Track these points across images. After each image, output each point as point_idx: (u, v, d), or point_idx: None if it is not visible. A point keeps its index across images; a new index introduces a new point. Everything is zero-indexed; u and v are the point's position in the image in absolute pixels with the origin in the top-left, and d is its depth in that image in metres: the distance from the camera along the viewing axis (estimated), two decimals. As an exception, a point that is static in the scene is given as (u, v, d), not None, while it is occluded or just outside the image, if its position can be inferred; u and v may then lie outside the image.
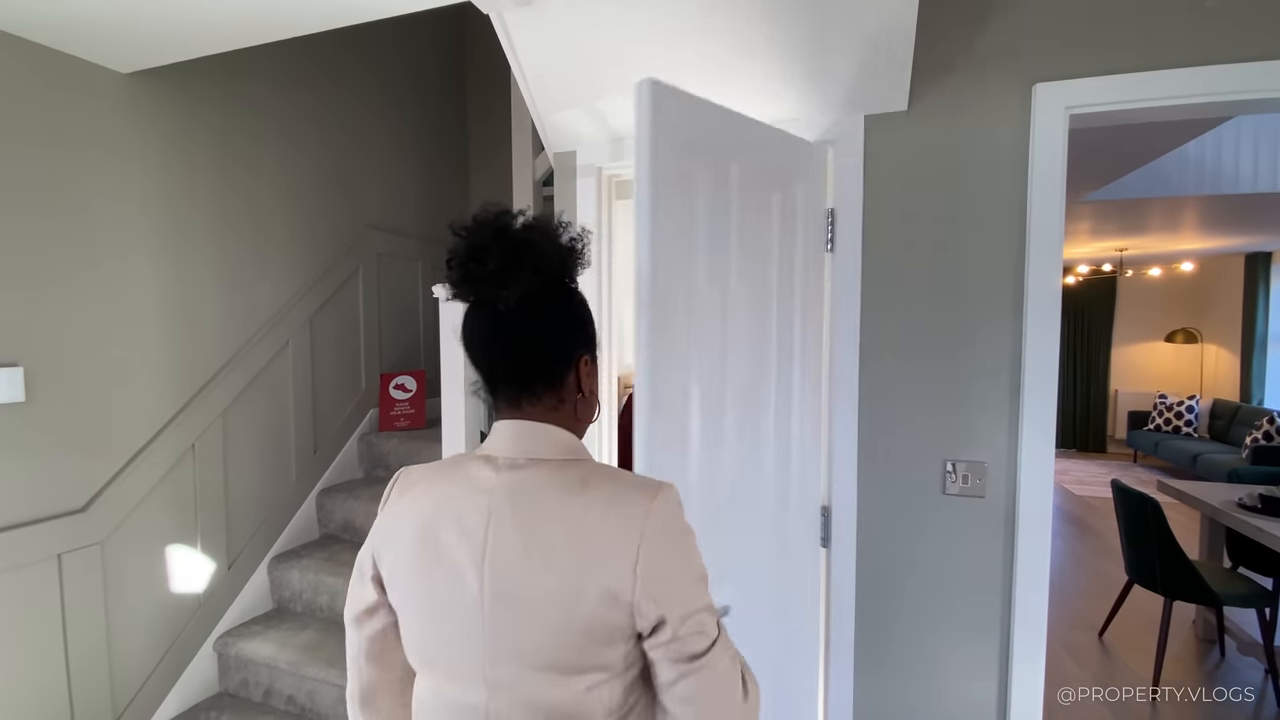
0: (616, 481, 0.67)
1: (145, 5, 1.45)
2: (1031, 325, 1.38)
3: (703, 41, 1.38)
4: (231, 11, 1.49)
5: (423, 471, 0.74)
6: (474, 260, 0.67)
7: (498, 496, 0.66)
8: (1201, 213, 4.55)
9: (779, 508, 1.57)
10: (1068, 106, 1.34)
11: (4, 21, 1.54)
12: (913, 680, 1.52)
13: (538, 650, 0.63)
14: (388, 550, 0.71)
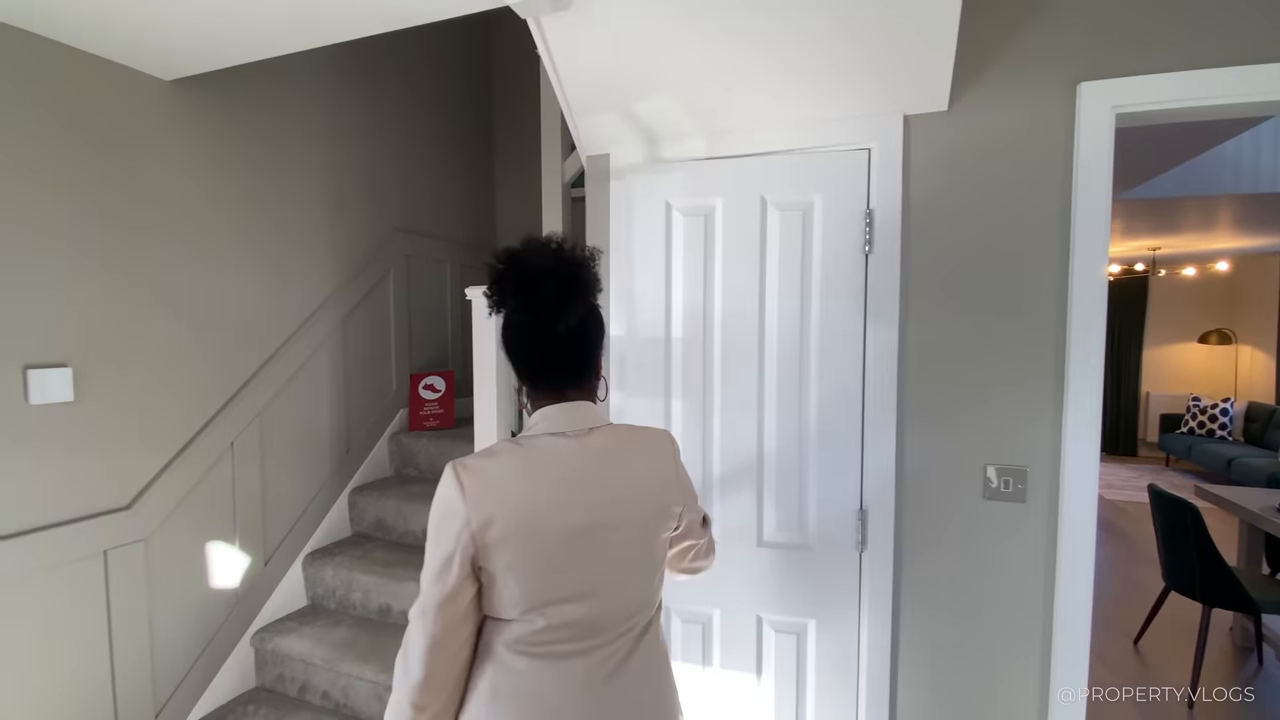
0: (646, 431, 0.96)
1: (191, 14, 1.48)
2: (1076, 327, 1.36)
3: (743, 46, 1.37)
4: (271, 21, 1.52)
5: (489, 457, 0.85)
6: (530, 291, 0.85)
7: (582, 454, 0.87)
8: (1237, 211, 4.43)
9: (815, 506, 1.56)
10: (1114, 105, 1.31)
11: (56, 31, 1.58)
12: (951, 690, 1.50)
13: (634, 554, 0.89)
14: (495, 525, 0.81)
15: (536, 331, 0.87)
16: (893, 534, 1.50)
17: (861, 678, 1.54)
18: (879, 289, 1.48)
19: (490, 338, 1.97)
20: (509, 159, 3.60)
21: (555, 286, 0.84)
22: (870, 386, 1.50)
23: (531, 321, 0.86)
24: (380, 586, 2.24)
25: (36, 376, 1.61)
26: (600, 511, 0.85)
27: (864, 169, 1.49)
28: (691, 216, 1.63)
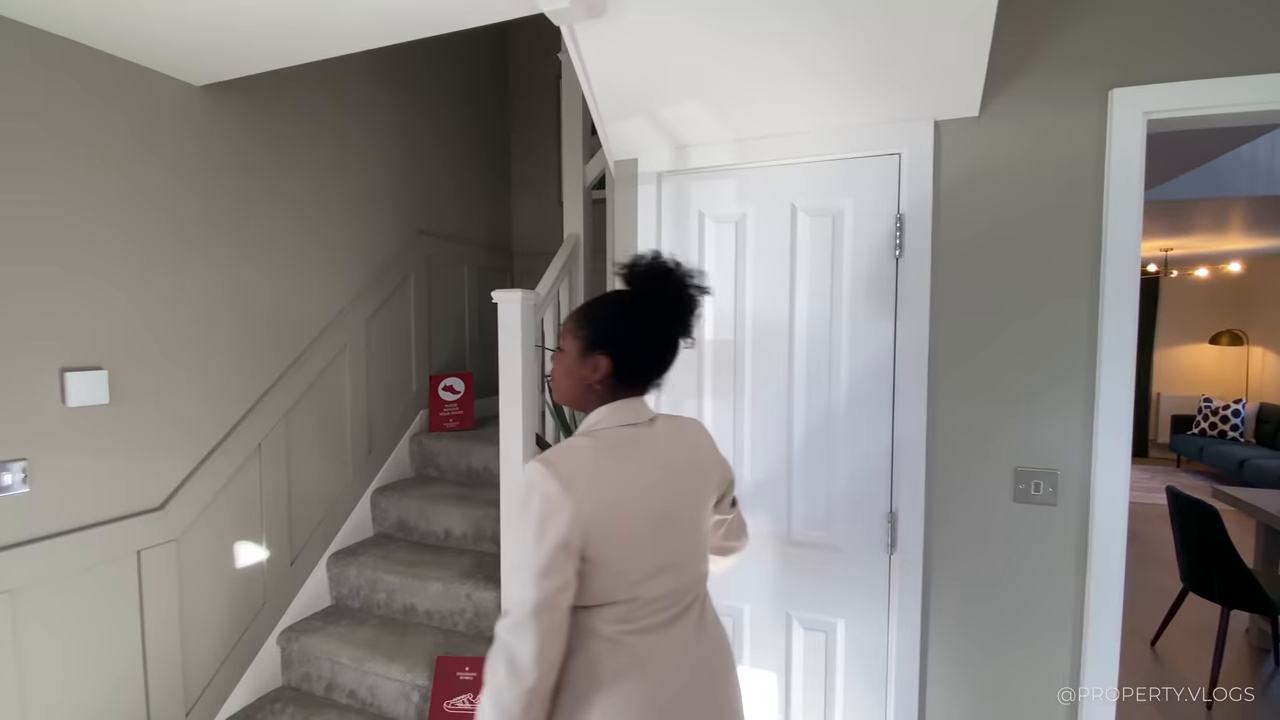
0: (684, 418, 1.09)
1: (223, 20, 1.51)
2: (1107, 331, 1.37)
3: (773, 54, 1.39)
4: (301, 30, 1.54)
5: (573, 451, 0.91)
6: (675, 306, 0.97)
7: (652, 441, 0.98)
8: (1250, 213, 4.42)
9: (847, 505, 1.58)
10: (1146, 112, 1.32)
11: (91, 38, 1.60)
12: (981, 691, 1.51)
13: (699, 525, 1.02)
14: (595, 514, 0.87)
15: (661, 340, 0.97)
16: (922, 536, 1.51)
17: (890, 678, 1.55)
18: (909, 292, 1.49)
19: (516, 338, 1.99)
20: (524, 162, 3.62)
21: (695, 304, 0.98)
22: (900, 389, 1.52)
23: (662, 332, 0.97)
24: (404, 586, 2.26)
25: (74, 379, 1.63)
26: (674, 489, 0.97)
27: (894, 174, 1.50)
28: (723, 224, 1.65)
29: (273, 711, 2.06)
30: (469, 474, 2.72)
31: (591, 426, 0.97)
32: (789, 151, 1.57)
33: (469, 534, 2.44)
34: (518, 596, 0.85)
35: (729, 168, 1.63)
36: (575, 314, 1.02)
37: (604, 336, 0.97)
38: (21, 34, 1.51)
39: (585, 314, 1.00)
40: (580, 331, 0.99)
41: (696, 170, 1.66)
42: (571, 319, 1.01)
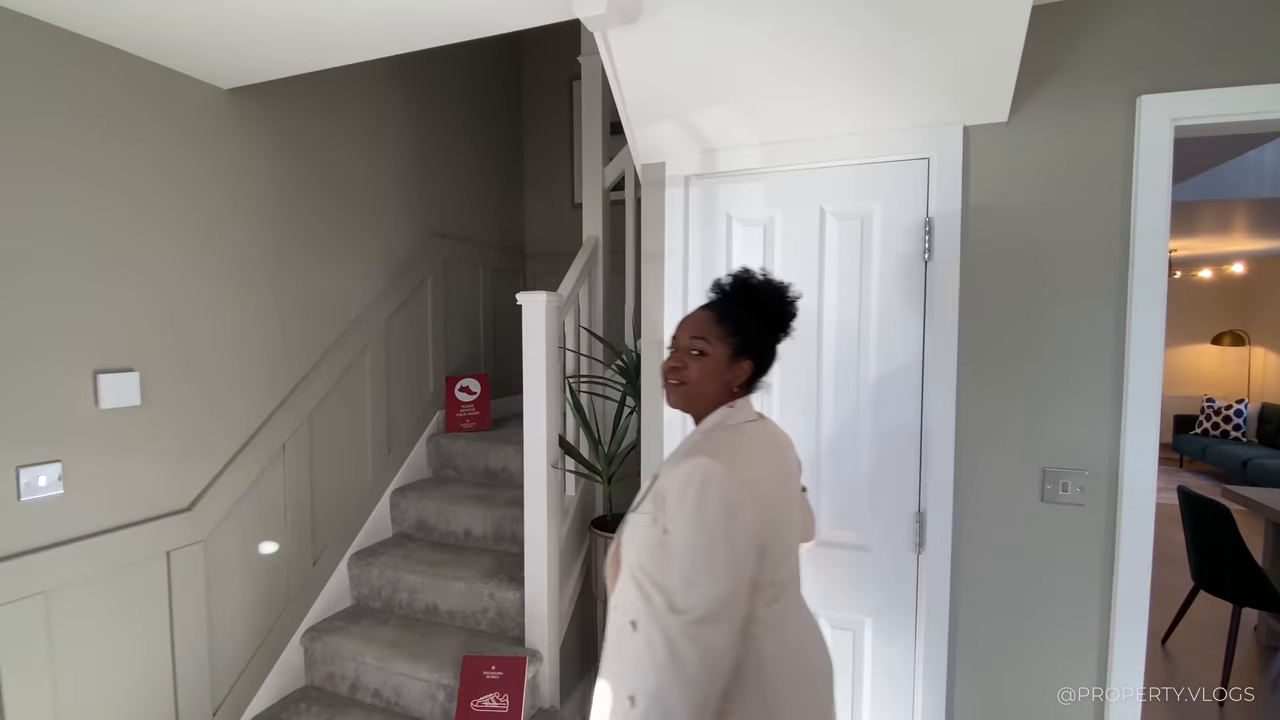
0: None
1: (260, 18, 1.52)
2: (1136, 332, 1.39)
3: (802, 59, 1.40)
4: (334, 34, 1.56)
5: (732, 448, 0.98)
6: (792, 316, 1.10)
7: (769, 432, 1.10)
8: (1254, 215, 4.45)
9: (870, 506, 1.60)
10: (1173, 119, 1.34)
11: (125, 43, 1.61)
12: (1008, 692, 1.53)
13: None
14: (764, 504, 0.97)
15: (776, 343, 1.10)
16: (950, 536, 1.53)
17: (918, 677, 1.57)
18: (938, 295, 1.51)
19: (540, 339, 2.01)
20: (537, 164, 3.64)
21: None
22: (929, 391, 1.54)
23: (780, 337, 1.10)
24: (426, 586, 2.28)
25: (107, 381, 1.64)
26: (790, 476, 1.10)
27: (923, 178, 1.52)
28: (751, 226, 1.67)
29: (298, 711, 2.07)
30: (487, 474, 2.73)
31: (723, 421, 1.04)
32: (818, 155, 1.59)
33: (489, 534, 2.46)
34: (704, 593, 0.87)
35: (757, 171, 1.65)
36: (719, 323, 1.05)
37: (750, 344, 1.06)
38: (55, 37, 1.52)
39: (733, 323, 1.05)
40: (731, 339, 1.04)
41: (724, 174, 1.68)
42: (717, 327, 1.05)
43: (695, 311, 1.10)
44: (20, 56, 1.46)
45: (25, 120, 1.48)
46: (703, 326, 1.06)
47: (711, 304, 1.10)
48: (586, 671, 2.37)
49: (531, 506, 2.05)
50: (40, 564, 1.51)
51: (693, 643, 0.86)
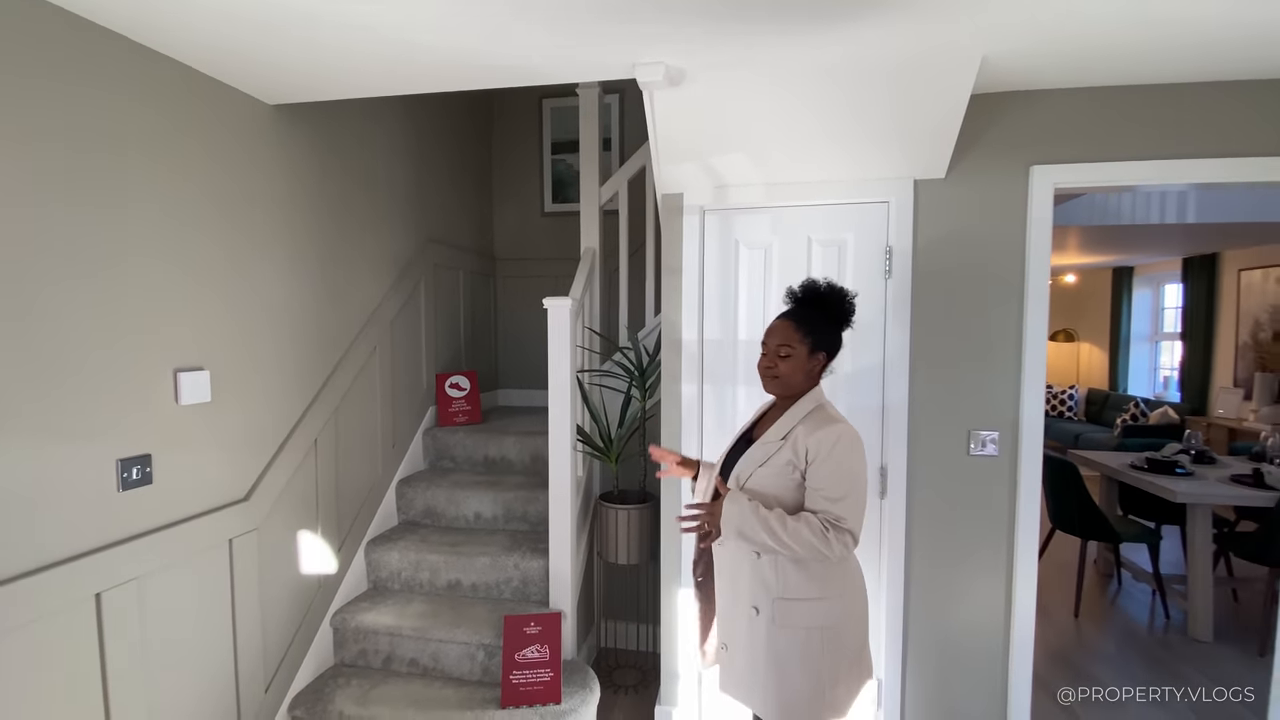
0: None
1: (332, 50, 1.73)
2: (1030, 326, 1.96)
3: (803, 124, 1.85)
4: (405, 68, 1.80)
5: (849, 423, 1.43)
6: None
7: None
8: (1083, 238, 5.58)
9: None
10: (1055, 183, 1.92)
11: (180, 54, 1.71)
12: (946, 595, 2.07)
13: None
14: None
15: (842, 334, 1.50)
16: (905, 484, 2.05)
17: (883, 592, 2.07)
18: (896, 304, 2.02)
19: (565, 338, 2.31)
20: (507, 176, 3.88)
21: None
22: (889, 375, 2.04)
23: (844, 328, 1.49)
24: (449, 564, 2.50)
25: (186, 379, 1.77)
26: None
27: (885, 216, 2.02)
28: (754, 249, 2.10)
29: (338, 685, 2.24)
30: (487, 463, 2.97)
31: (822, 400, 1.47)
32: (808, 196, 2.04)
33: (500, 515, 2.71)
34: (848, 507, 1.34)
35: (759, 206, 2.08)
36: (797, 329, 1.44)
37: (822, 341, 1.44)
38: (119, 45, 1.64)
39: (808, 326, 1.44)
40: (808, 340, 1.43)
41: (732, 207, 2.10)
42: (796, 332, 1.43)
43: (778, 320, 1.48)
44: (125, 79, 1.58)
45: (121, 139, 1.59)
46: (786, 334, 1.45)
47: (789, 313, 1.48)
48: (591, 626, 2.71)
49: (556, 484, 2.35)
50: (139, 549, 1.62)
51: (838, 536, 1.31)
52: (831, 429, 1.37)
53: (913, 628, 2.10)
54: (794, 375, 1.44)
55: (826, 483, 1.35)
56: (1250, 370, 5.89)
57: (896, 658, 2.09)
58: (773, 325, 1.49)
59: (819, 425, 1.39)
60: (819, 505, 1.35)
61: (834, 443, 1.36)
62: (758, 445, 1.47)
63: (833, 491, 1.34)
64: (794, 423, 1.42)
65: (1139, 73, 1.81)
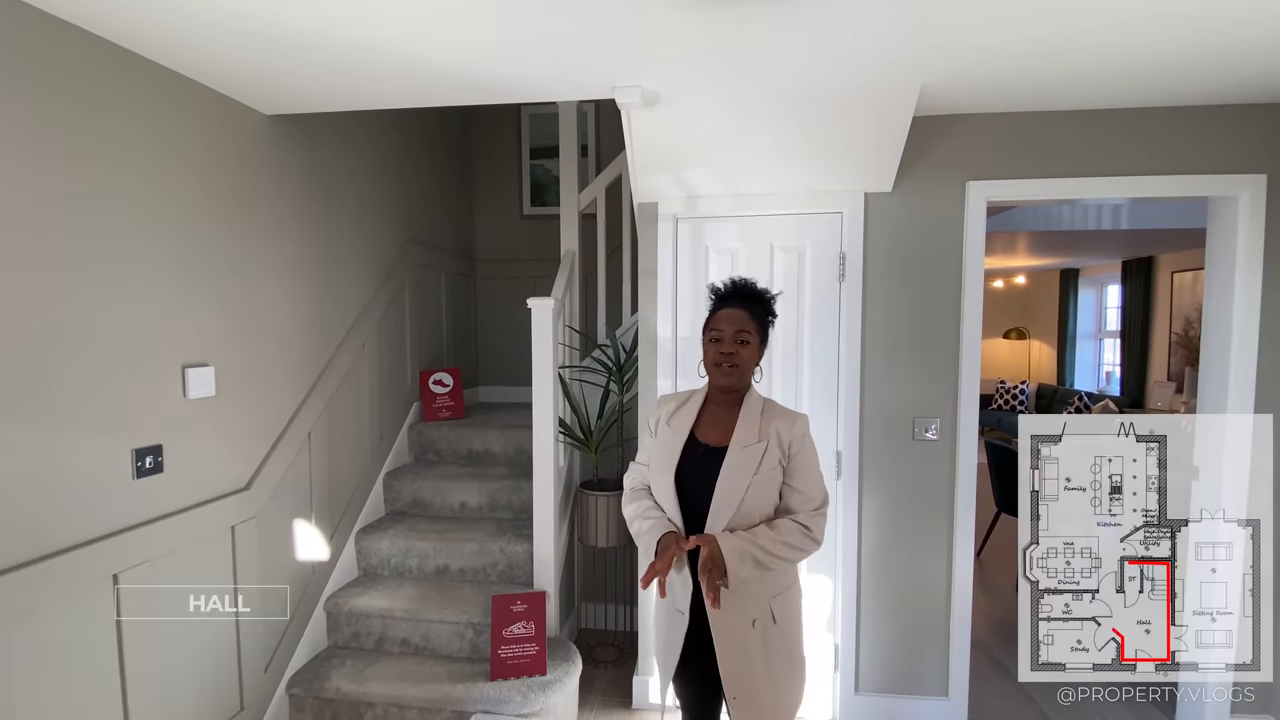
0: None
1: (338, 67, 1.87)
2: (966, 323, 2.20)
3: (765, 141, 2.05)
4: (391, 83, 1.94)
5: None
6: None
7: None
8: (1031, 241, 5.96)
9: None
10: (987, 197, 2.16)
11: (181, 66, 1.82)
12: (895, 558, 2.30)
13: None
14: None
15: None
16: (858, 466, 2.27)
17: (838, 561, 2.30)
18: (849, 304, 2.24)
19: (547, 336, 2.47)
20: (486, 179, 4.02)
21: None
22: (843, 368, 2.26)
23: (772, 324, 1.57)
24: (437, 550, 2.64)
25: (193, 374, 1.88)
26: None
27: (839, 225, 2.24)
28: (723, 254, 2.30)
29: (334, 665, 2.36)
30: (470, 456, 3.11)
31: (760, 394, 1.53)
32: (770, 206, 2.25)
33: (484, 505, 2.86)
34: (825, 494, 1.44)
35: (727, 216, 2.28)
36: (752, 318, 1.45)
37: (766, 334, 1.51)
38: (126, 60, 1.75)
39: (759, 319, 1.47)
40: (759, 330, 1.47)
41: (703, 216, 2.29)
42: (752, 321, 1.45)
43: (732, 310, 1.45)
44: (123, 92, 1.69)
45: (126, 154, 1.71)
46: (744, 321, 1.44)
47: (738, 303, 1.47)
48: (572, 608, 2.88)
49: (540, 473, 2.51)
50: (151, 534, 1.74)
51: (824, 520, 1.43)
52: (800, 418, 1.46)
53: (865, 598, 2.32)
54: (751, 363, 1.46)
55: (803, 475, 1.43)
56: (1181, 365, 6.35)
57: (851, 625, 2.32)
58: (725, 314, 1.46)
59: (787, 416, 1.45)
60: (795, 502, 1.42)
61: (804, 432, 1.45)
62: (737, 451, 1.41)
63: (809, 484, 1.43)
64: (758, 417, 1.44)
65: (1065, 98, 2.04)
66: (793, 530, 1.38)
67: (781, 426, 1.43)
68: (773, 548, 1.34)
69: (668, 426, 1.54)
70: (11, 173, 1.42)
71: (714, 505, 1.40)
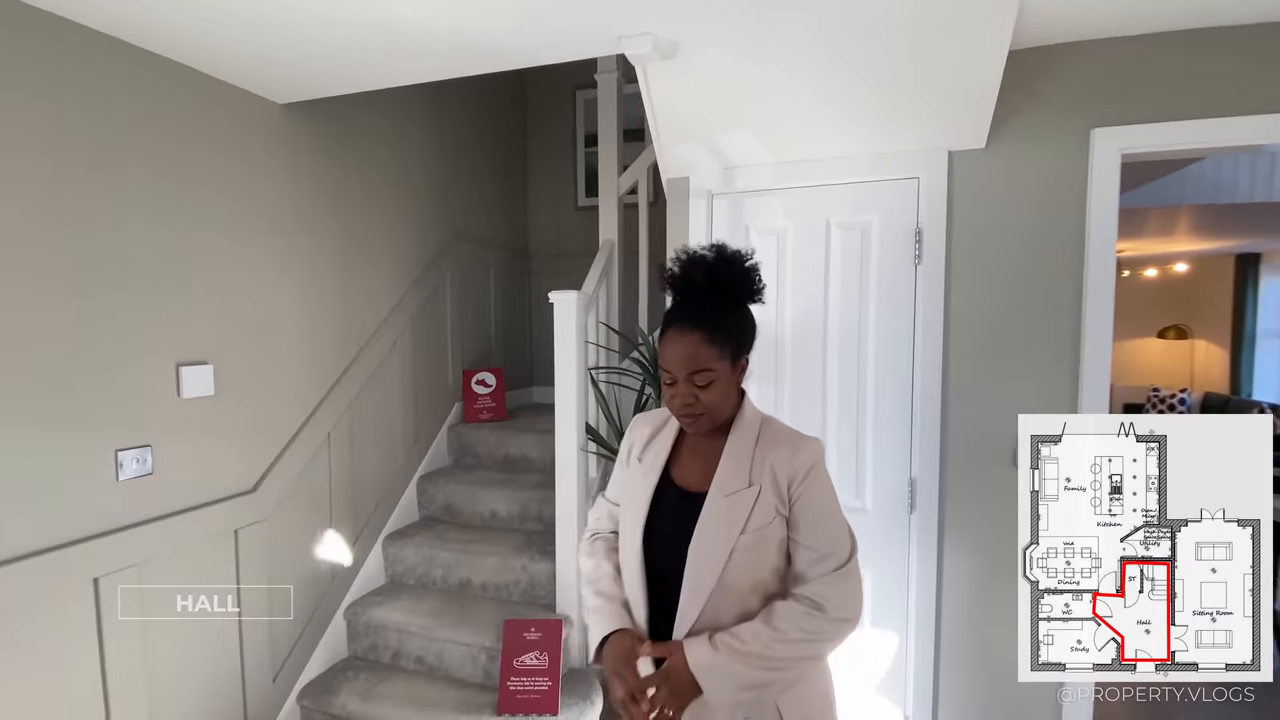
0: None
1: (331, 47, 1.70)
2: (1089, 323, 1.68)
3: (812, 93, 1.65)
4: (396, 57, 1.75)
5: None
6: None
7: None
8: (1195, 220, 4.90)
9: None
10: (1121, 148, 1.62)
11: (190, 59, 1.76)
12: (989, 617, 1.81)
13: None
14: None
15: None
16: (937, 497, 1.80)
17: (910, 615, 1.84)
18: (927, 294, 1.78)
19: (571, 334, 2.21)
20: (541, 170, 3.84)
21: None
22: (919, 377, 1.80)
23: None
24: (460, 562, 2.47)
25: (188, 373, 1.80)
26: None
27: (914, 194, 1.78)
28: (766, 236, 1.91)
29: (346, 678, 2.25)
30: (507, 461, 2.93)
31: (758, 410, 1.09)
32: (824, 174, 1.84)
33: (515, 515, 2.66)
34: (851, 542, 1.01)
35: (770, 189, 1.90)
36: (711, 342, 0.98)
37: (744, 340, 1.04)
38: (129, 53, 1.66)
39: (724, 333, 0.99)
40: (728, 350, 1.00)
41: (742, 189, 1.92)
42: (710, 347, 0.98)
43: (684, 333, 0.99)
44: (115, 81, 1.62)
45: (123, 142, 1.64)
46: (701, 352, 0.98)
47: (690, 318, 1.00)
48: (607, 637, 2.60)
49: (562, 486, 2.26)
50: (138, 537, 1.67)
51: (855, 582, 1.00)
52: (807, 446, 1.03)
53: (946, 658, 1.85)
54: (723, 404, 1.02)
55: (814, 524, 1.01)
56: None
57: (927, 693, 1.86)
58: (673, 342, 1.00)
59: (789, 444, 1.03)
60: (806, 564, 1.00)
61: (813, 465, 1.01)
62: (717, 502, 1.01)
63: (824, 534, 1.00)
64: (749, 451, 1.03)
65: (1234, 5, 1.48)
66: (800, 619, 0.96)
67: (780, 461, 1.01)
68: (773, 654, 0.95)
69: (639, 461, 1.14)
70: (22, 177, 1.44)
71: (685, 584, 1.00)
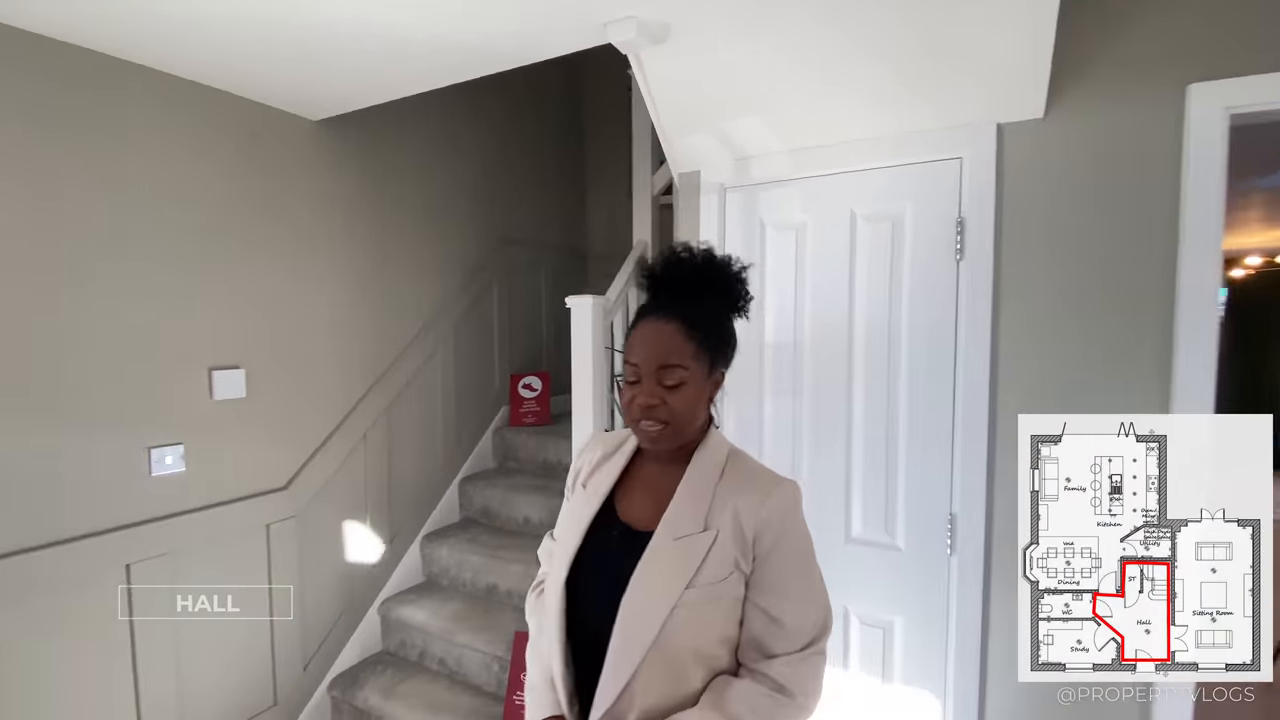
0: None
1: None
2: (1183, 331, 1.32)
3: (825, 69, 1.44)
4: (396, 64, 1.74)
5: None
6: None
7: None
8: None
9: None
10: (1228, 106, 1.27)
11: (226, 84, 1.86)
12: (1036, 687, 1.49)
13: None
14: None
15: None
16: (983, 538, 1.52)
17: (949, 676, 1.56)
18: (971, 294, 1.50)
19: (587, 340, 2.12)
20: (598, 172, 3.79)
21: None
22: (961, 391, 1.53)
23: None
24: (487, 567, 2.47)
25: (220, 376, 1.92)
26: None
27: (955, 178, 1.51)
28: (784, 231, 1.71)
29: (374, 672, 2.31)
30: (544, 466, 2.90)
31: (725, 441, 0.92)
32: (847, 160, 1.61)
33: (546, 521, 2.62)
34: (825, 619, 0.86)
35: (788, 178, 1.69)
36: (690, 337, 0.84)
37: (726, 348, 0.89)
38: (161, 82, 1.78)
39: (705, 328, 0.85)
40: (705, 350, 0.85)
41: (756, 181, 1.74)
42: (689, 342, 0.83)
43: (658, 323, 0.85)
44: (160, 111, 1.75)
45: (162, 171, 1.77)
46: (676, 345, 0.83)
47: (666, 308, 0.86)
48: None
49: (580, 496, 2.18)
50: (169, 528, 1.80)
51: (819, 666, 0.84)
52: (782, 489, 0.85)
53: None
54: (690, 417, 0.85)
55: (782, 589, 0.83)
56: None
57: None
58: (645, 332, 0.86)
59: (759, 485, 0.85)
60: (767, 637, 0.82)
61: (788, 512, 0.84)
62: (664, 545, 0.83)
63: (794, 606, 0.83)
64: (710, 487, 0.85)
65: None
66: (760, 702, 0.79)
67: (747, 506, 0.83)
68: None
69: (584, 488, 0.98)
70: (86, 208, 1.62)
71: (613, 645, 0.80)
